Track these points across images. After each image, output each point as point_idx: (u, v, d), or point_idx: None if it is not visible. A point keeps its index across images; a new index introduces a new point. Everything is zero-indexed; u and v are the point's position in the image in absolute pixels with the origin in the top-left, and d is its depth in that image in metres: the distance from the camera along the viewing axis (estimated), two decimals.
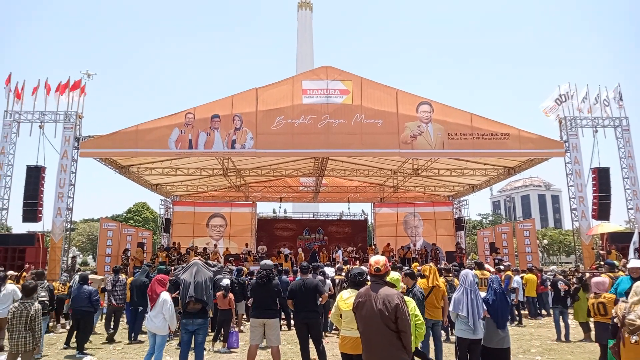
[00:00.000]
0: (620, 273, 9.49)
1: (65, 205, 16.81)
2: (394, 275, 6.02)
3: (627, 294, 6.52)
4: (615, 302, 6.45)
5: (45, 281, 9.46)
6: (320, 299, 7.25)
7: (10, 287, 8.52)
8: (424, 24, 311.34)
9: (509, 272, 13.07)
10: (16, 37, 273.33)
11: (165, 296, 6.88)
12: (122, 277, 11.02)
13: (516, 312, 12.48)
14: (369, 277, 4.37)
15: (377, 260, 4.26)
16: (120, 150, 16.74)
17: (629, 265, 7.06)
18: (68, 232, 17.57)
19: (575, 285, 10.47)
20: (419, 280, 7.95)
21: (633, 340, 3.50)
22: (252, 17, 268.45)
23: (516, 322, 12.27)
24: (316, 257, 21.43)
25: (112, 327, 10.47)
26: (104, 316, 12.34)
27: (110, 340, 10.12)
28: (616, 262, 11.12)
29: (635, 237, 14.01)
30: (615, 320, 4.08)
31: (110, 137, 16.48)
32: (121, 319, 10.92)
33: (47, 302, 8.96)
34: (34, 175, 16.99)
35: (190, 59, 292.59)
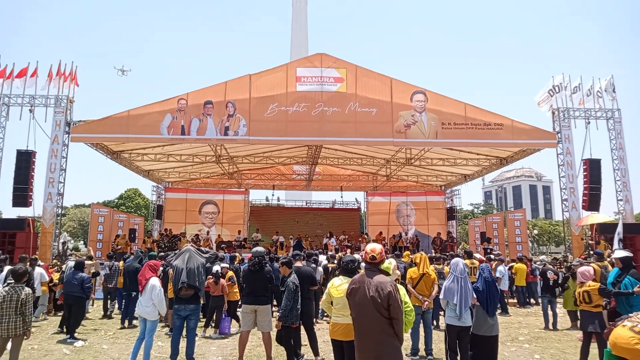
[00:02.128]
0: (606, 263, 9.62)
1: (56, 191, 16.67)
2: (385, 263, 6.07)
3: (613, 284, 6.63)
4: (600, 290, 6.57)
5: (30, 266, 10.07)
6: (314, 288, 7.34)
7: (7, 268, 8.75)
8: (421, 16, 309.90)
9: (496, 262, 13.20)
10: (7, 21, 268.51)
11: (154, 281, 6.87)
12: (116, 262, 11.93)
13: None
14: (363, 265, 4.40)
15: (373, 248, 4.29)
16: (111, 136, 16.56)
17: (613, 256, 7.17)
18: (59, 218, 17.46)
19: (565, 274, 10.60)
20: (410, 268, 8.01)
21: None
22: (247, 4, 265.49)
23: (500, 311, 12.39)
24: (301, 245, 21.47)
25: (109, 306, 11.61)
26: (95, 302, 12.58)
27: (104, 317, 11.38)
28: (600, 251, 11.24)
29: (619, 228, 14.19)
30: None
31: (102, 122, 16.31)
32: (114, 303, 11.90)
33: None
34: (24, 160, 16.78)
35: (183, 46, 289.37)
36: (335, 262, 11.48)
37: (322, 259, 12.66)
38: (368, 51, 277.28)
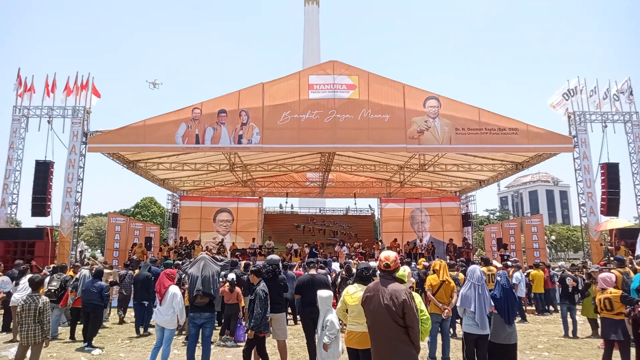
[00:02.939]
0: (628, 269, 9.42)
1: (73, 200, 16.94)
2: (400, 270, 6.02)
3: (637, 291, 6.47)
4: (622, 297, 6.41)
5: (64, 274, 10.35)
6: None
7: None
8: (432, 18, 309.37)
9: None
10: (23, 30, 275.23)
11: (175, 290, 6.93)
12: (130, 271, 12.32)
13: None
14: (378, 272, 4.37)
15: (387, 256, 4.26)
16: (127, 145, 16.80)
17: (637, 261, 7.01)
18: (76, 227, 17.72)
19: (586, 281, 10.39)
20: (429, 276, 7.93)
21: None
22: (259, 11, 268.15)
23: (519, 319, 12.19)
24: (315, 252, 21.39)
25: (121, 312, 11.99)
26: (112, 309, 12.76)
27: (120, 322, 11.79)
28: (622, 257, 11.02)
29: None
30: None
31: (118, 132, 16.56)
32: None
33: (53, 291, 9.73)
34: (43, 170, 17.12)
35: (197, 54, 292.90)
36: (344, 270, 11.42)
37: (336, 266, 12.63)
38: (381, 53, 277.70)
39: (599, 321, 8.65)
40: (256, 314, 6.22)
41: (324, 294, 5.77)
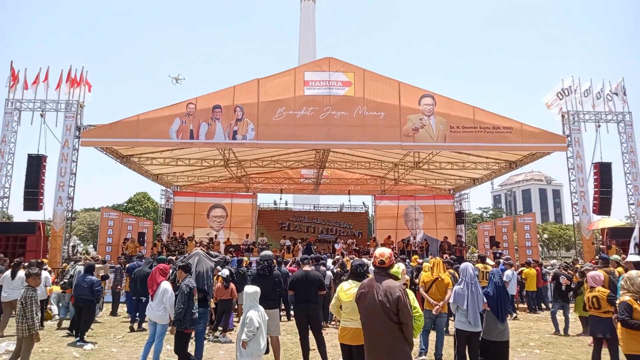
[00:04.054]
0: (620, 269, 9.49)
1: (66, 194, 16.83)
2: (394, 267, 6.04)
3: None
4: (608, 297, 6.49)
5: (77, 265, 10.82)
6: (323, 292, 7.30)
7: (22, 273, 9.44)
8: (428, 16, 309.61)
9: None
10: (17, 24, 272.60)
11: (166, 285, 6.92)
12: (119, 265, 12.85)
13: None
14: (372, 269, 4.39)
15: (382, 252, 4.27)
16: (121, 140, 16.69)
17: (627, 259, 7.07)
18: (69, 221, 17.60)
19: (578, 279, 10.48)
20: (424, 273, 7.97)
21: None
22: (255, 7, 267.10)
23: (511, 316, 12.27)
24: (311, 248, 21.38)
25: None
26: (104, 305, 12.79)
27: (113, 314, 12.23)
28: (617, 257, 11.10)
29: (635, 232, 13.99)
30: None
31: (112, 126, 16.44)
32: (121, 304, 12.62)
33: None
34: (35, 164, 16.99)
35: (192, 49, 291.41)
36: (338, 266, 11.45)
37: (330, 263, 12.64)
38: (377, 51, 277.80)
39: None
40: (177, 309, 6.25)
41: (249, 289, 5.71)
